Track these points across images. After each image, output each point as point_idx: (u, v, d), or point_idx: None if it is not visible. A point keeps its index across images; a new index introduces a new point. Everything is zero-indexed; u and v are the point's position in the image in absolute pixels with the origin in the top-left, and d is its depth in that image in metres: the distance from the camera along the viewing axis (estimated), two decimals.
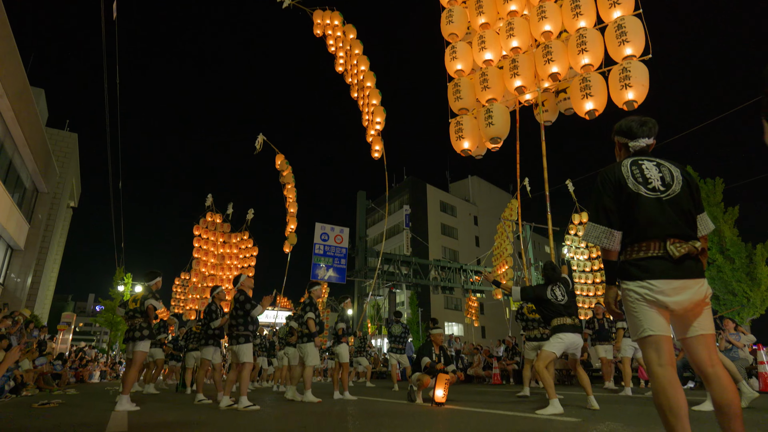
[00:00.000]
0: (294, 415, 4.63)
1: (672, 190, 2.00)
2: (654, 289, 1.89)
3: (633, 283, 1.95)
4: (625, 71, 8.44)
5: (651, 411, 4.52)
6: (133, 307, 5.97)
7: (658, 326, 1.89)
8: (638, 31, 8.39)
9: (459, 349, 15.83)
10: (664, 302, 1.88)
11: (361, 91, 17.08)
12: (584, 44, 8.73)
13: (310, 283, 6.97)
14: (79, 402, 6.87)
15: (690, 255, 1.90)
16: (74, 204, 30.30)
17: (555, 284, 5.16)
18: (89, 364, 18.12)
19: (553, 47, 9.10)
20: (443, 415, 4.48)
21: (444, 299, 41.40)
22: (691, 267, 1.90)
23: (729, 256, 17.80)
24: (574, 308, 5.06)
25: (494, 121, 9.51)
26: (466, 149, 10.00)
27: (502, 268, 17.88)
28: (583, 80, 8.85)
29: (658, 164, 2.09)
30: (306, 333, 6.56)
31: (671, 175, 2.05)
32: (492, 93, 9.63)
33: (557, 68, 9.07)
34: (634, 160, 2.12)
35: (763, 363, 7.04)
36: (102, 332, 61.77)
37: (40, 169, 18.87)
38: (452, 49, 10.14)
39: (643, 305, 1.92)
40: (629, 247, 2.00)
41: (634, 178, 2.05)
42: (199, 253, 19.82)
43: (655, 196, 1.99)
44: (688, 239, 1.93)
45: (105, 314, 27.83)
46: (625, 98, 8.45)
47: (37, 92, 20.57)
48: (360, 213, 29.06)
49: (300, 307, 9.01)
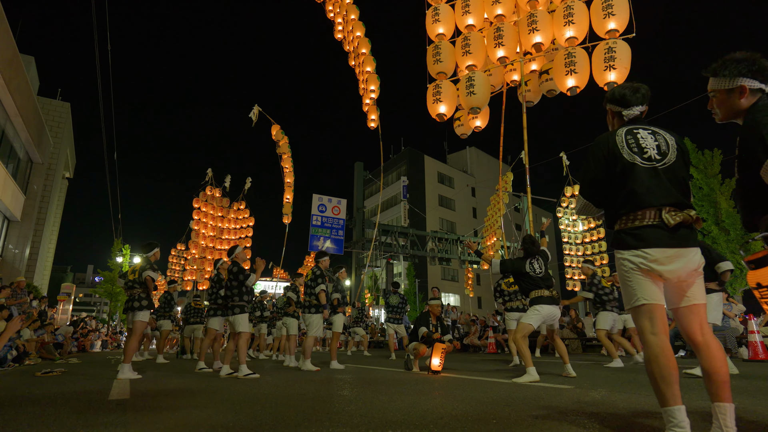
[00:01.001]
0: (293, 382, 4.72)
1: (668, 158, 1.99)
2: (649, 257, 1.89)
3: (628, 252, 1.95)
4: (610, 51, 8.54)
5: (640, 378, 4.63)
6: (132, 278, 5.99)
7: (652, 295, 1.90)
8: (624, 7, 8.49)
9: (455, 320, 16.08)
10: (659, 271, 1.88)
11: (357, 59, 16.76)
12: (571, 16, 8.84)
13: (318, 253, 7.04)
14: (82, 370, 7.00)
15: (685, 223, 1.89)
16: (69, 175, 30.04)
17: (534, 257, 5.22)
18: (90, 334, 18.37)
19: (539, 17, 9.12)
20: (439, 382, 4.58)
21: (441, 270, 41.79)
22: (685, 235, 1.90)
23: (724, 227, 17.92)
24: (551, 281, 5.17)
25: (476, 90, 9.46)
26: (441, 113, 9.95)
27: (491, 239, 17.94)
28: (569, 55, 8.88)
29: (654, 132, 2.07)
30: (315, 304, 6.61)
31: (666, 144, 2.03)
32: (473, 59, 9.53)
33: (541, 38, 9.12)
34: (629, 129, 2.09)
35: (753, 332, 7.18)
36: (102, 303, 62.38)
37: (34, 139, 18.62)
38: (435, 11, 9.96)
39: (638, 274, 1.92)
40: (625, 216, 1.98)
41: (629, 147, 2.02)
42: (198, 225, 19.85)
43: (650, 165, 1.97)
44: (684, 207, 1.92)
45: (104, 285, 28.03)
46: (607, 79, 8.61)
47: (27, 60, 20.07)
48: (357, 184, 28.97)
49: (300, 278, 9.07)
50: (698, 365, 4.51)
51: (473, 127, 11.11)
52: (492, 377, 5.07)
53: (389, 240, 26.52)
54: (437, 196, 46.16)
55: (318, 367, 6.50)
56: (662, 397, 1.78)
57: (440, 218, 45.02)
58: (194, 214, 19.74)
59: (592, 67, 8.82)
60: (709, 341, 1.84)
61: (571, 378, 4.76)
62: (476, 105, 9.57)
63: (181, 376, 5.75)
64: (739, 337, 8.14)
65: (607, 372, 5.56)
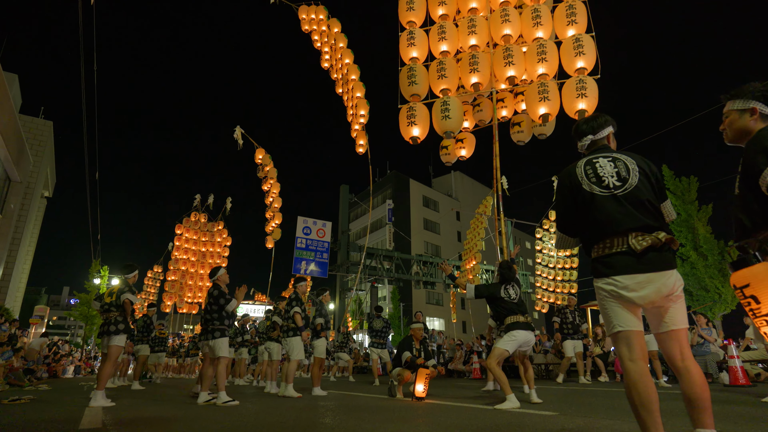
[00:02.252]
0: (274, 409, 4.59)
1: (629, 183, 2.00)
2: (618, 284, 1.90)
3: (601, 281, 1.97)
4: (581, 82, 9.16)
5: (623, 404, 4.61)
6: (109, 301, 5.82)
7: (627, 322, 1.91)
8: (591, 48, 9.16)
9: (440, 344, 15.94)
10: (629, 297, 1.88)
11: (345, 86, 17.01)
12: (544, 54, 9.44)
13: (296, 278, 7.04)
14: (52, 398, 6.70)
15: (654, 247, 1.88)
16: (49, 194, 29.40)
17: (509, 283, 5.25)
18: (63, 359, 17.71)
19: (514, 51, 9.59)
20: (423, 409, 4.50)
21: (426, 294, 41.61)
22: (654, 260, 1.89)
23: (702, 252, 18.25)
24: (525, 306, 5.22)
25: (451, 114, 9.70)
26: (415, 137, 10.09)
27: (471, 263, 17.98)
28: (542, 85, 9.42)
29: (614, 159, 2.09)
30: (292, 327, 6.59)
31: (626, 169, 2.03)
32: (447, 83, 9.85)
33: (514, 72, 9.65)
34: (588, 159, 2.13)
35: (733, 357, 7.24)
36: (77, 326, 60.46)
37: (13, 157, 18.25)
38: (409, 35, 10.26)
39: (611, 302, 1.93)
40: (596, 245, 2.01)
41: (587, 178, 2.06)
42: (179, 251, 19.69)
43: (609, 193, 1.99)
44: (652, 230, 1.92)
45: (80, 307, 27.18)
46: (578, 107, 9.16)
47: (10, 78, 19.86)
48: (342, 207, 28.97)
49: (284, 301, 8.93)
50: None
51: (459, 155, 11.36)
52: (476, 404, 5.00)
53: (374, 263, 26.40)
54: (422, 220, 46.31)
55: (300, 393, 6.35)
56: (643, 425, 1.77)
57: (425, 242, 45.06)
58: (176, 240, 19.57)
59: (563, 98, 9.37)
60: (689, 366, 1.84)
61: (551, 404, 4.72)
62: (450, 129, 9.79)
63: (157, 404, 5.55)
64: (720, 362, 8.20)
65: (591, 398, 5.54)
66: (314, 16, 17.32)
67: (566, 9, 9.42)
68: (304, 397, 6.05)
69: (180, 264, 19.57)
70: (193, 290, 20.68)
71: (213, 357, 5.60)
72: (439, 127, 9.92)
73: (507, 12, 9.60)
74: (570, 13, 9.35)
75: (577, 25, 9.31)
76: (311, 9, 17.26)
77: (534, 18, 9.51)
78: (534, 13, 9.52)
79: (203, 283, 20.83)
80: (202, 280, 20.75)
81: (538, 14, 9.49)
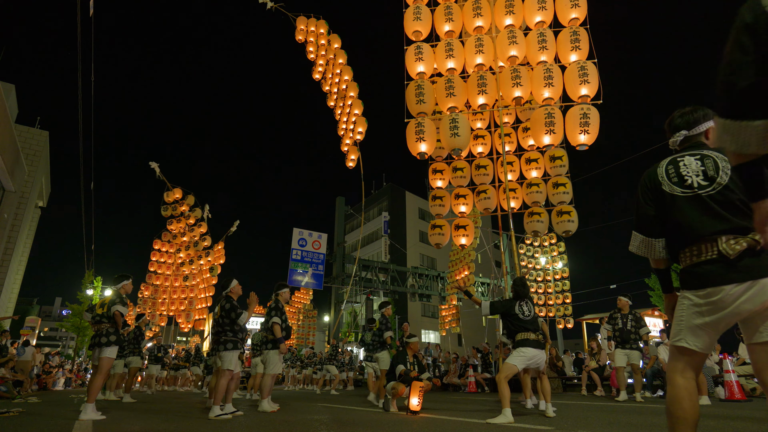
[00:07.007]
0: (267, 424, 4.53)
1: (717, 182, 1.78)
2: (708, 299, 1.71)
3: (690, 292, 1.80)
4: (585, 116, 9.22)
5: (620, 419, 4.59)
6: (101, 312, 5.76)
7: (697, 342, 1.77)
8: (594, 76, 9.26)
9: (436, 357, 15.83)
10: (715, 319, 1.71)
11: (341, 100, 17.06)
12: (551, 78, 9.47)
13: (277, 285, 6.45)
14: (42, 410, 6.59)
15: (752, 250, 1.64)
16: (43, 204, 29.25)
17: (523, 300, 5.28)
18: (53, 371, 17.45)
19: (522, 74, 9.64)
20: (418, 423, 4.46)
21: (421, 306, 41.42)
22: (752, 266, 1.64)
23: None
24: (538, 325, 5.25)
25: (459, 132, 9.68)
26: (423, 152, 10.06)
27: (462, 272, 17.85)
28: (549, 115, 9.42)
29: (702, 157, 1.88)
30: (270, 339, 6.15)
31: (715, 167, 1.81)
32: (455, 101, 9.86)
33: (521, 93, 9.71)
34: (673, 158, 1.96)
35: (728, 372, 7.23)
36: (68, 337, 59.69)
37: (8, 167, 18.17)
38: (417, 49, 10.23)
39: (693, 316, 1.77)
40: (682, 252, 1.84)
41: (668, 178, 1.90)
42: (154, 266, 20.48)
43: (692, 193, 1.82)
44: (747, 232, 1.67)
45: (72, 319, 26.90)
46: (580, 141, 9.27)
47: (7, 88, 19.90)
48: (338, 219, 28.95)
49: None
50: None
51: (459, 243, 10.82)
52: (471, 418, 4.96)
53: (369, 275, 26.33)
54: (418, 232, 46.28)
55: (277, 405, 6.27)
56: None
57: (421, 254, 45.00)
58: (152, 255, 20.12)
59: (566, 127, 9.42)
60: None
61: (549, 418, 4.69)
62: (459, 146, 9.75)
63: (148, 418, 5.47)
64: (716, 377, 8.18)
65: (587, 412, 5.51)
66: (313, 29, 17.43)
67: (570, 35, 9.50)
68: (296, 411, 5.98)
69: (154, 279, 20.56)
70: (175, 303, 21.21)
71: (219, 368, 5.55)
72: (447, 144, 9.86)
73: (514, 33, 9.66)
74: (574, 39, 9.44)
75: (580, 51, 9.41)
76: (310, 21, 17.37)
77: (540, 42, 9.58)
78: (540, 37, 9.59)
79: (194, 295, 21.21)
80: (180, 294, 21.44)
81: (544, 38, 9.57)
